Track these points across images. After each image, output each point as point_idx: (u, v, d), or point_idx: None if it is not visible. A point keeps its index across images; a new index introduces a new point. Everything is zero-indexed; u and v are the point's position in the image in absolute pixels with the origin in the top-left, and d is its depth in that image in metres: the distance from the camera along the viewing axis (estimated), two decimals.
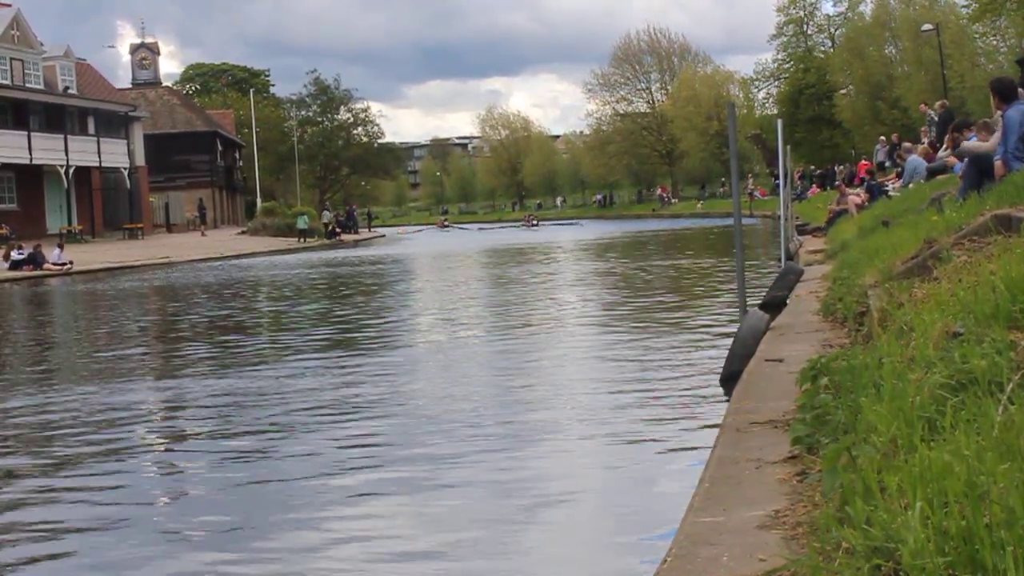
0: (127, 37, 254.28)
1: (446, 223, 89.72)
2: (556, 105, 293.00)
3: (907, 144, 27.87)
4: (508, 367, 11.08)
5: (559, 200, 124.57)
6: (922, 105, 31.25)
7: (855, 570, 2.74)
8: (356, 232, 77.09)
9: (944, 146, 21.16)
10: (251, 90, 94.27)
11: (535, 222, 72.50)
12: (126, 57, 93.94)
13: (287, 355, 13.03)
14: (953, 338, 4.56)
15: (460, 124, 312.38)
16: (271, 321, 18.47)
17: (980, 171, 11.88)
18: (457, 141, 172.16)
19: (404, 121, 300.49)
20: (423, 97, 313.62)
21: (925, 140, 26.88)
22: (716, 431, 5.70)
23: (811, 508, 3.69)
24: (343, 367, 11.55)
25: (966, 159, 12.65)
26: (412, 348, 13.52)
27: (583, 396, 9.19)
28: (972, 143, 13.56)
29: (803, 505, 3.79)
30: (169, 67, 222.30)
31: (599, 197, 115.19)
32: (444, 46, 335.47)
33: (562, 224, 74.23)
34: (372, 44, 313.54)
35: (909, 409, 3.72)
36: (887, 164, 32.00)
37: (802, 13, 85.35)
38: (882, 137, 37.81)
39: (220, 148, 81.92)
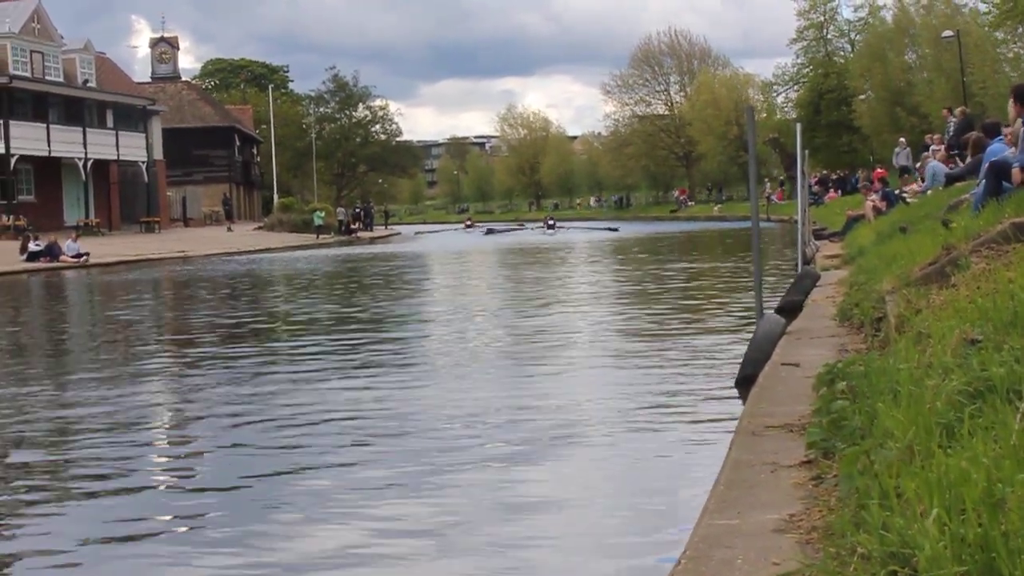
0: (143, 33, 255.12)
1: (470, 222, 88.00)
2: (570, 106, 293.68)
3: (925, 153, 27.75)
4: (521, 368, 11.05)
5: (592, 200, 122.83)
6: (944, 110, 31.08)
7: None
8: (371, 229, 77.12)
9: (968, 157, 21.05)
10: (270, 86, 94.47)
11: (552, 222, 71.48)
12: (143, 53, 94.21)
13: (300, 352, 13.06)
14: (971, 345, 4.55)
15: (474, 123, 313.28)
16: (286, 318, 18.48)
17: (999, 179, 11.84)
18: (475, 140, 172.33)
19: (418, 119, 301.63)
20: (437, 96, 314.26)
21: (940, 146, 26.74)
22: (731, 434, 5.69)
23: (826, 513, 3.68)
24: (357, 363, 11.57)
25: (985, 166, 12.60)
26: (424, 346, 13.52)
27: (596, 397, 9.18)
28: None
29: (818, 509, 3.78)
30: (183, 62, 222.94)
31: (615, 198, 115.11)
32: (458, 45, 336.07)
33: (590, 226, 69.56)
34: (386, 42, 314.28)
35: (926, 415, 3.71)
36: (910, 166, 31.68)
37: (822, 17, 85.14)
38: (901, 139, 37.43)
39: (238, 143, 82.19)
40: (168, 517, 6.14)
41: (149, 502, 6.43)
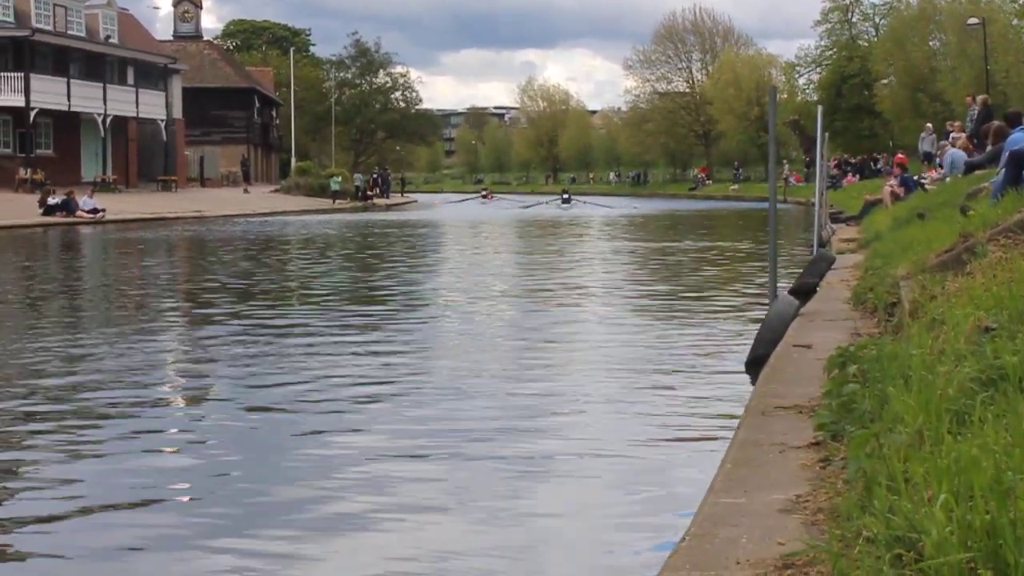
0: None
1: (486, 192, 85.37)
2: (590, 80, 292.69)
3: (944, 141, 27.56)
4: (530, 344, 10.98)
5: (612, 175, 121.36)
6: (968, 97, 30.80)
7: (875, 559, 2.73)
8: (388, 196, 76.95)
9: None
10: (291, 49, 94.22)
11: (567, 196, 70.63)
12: (165, 11, 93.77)
13: (313, 318, 13.09)
14: (985, 333, 4.53)
15: (493, 93, 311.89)
16: (297, 284, 18.51)
17: (1019, 168, 11.78)
18: (494, 111, 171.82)
19: (438, 88, 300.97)
20: (457, 65, 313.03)
21: (960, 134, 26.50)
22: (739, 414, 5.67)
23: (833, 495, 3.68)
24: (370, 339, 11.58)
25: (1006, 155, 12.54)
26: (433, 319, 13.51)
27: (605, 375, 9.16)
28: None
29: (825, 491, 3.77)
30: (205, 22, 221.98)
31: (632, 174, 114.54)
32: (481, 15, 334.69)
33: (606, 204, 65.87)
34: (409, 10, 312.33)
35: (937, 401, 3.69)
36: (934, 152, 31.40)
37: (848, 0, 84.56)
38: (928, 125, 37.01)
39: (258, 105, 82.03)
40: (177, 483, 6.17)
41: (157, 471, 6.46)
